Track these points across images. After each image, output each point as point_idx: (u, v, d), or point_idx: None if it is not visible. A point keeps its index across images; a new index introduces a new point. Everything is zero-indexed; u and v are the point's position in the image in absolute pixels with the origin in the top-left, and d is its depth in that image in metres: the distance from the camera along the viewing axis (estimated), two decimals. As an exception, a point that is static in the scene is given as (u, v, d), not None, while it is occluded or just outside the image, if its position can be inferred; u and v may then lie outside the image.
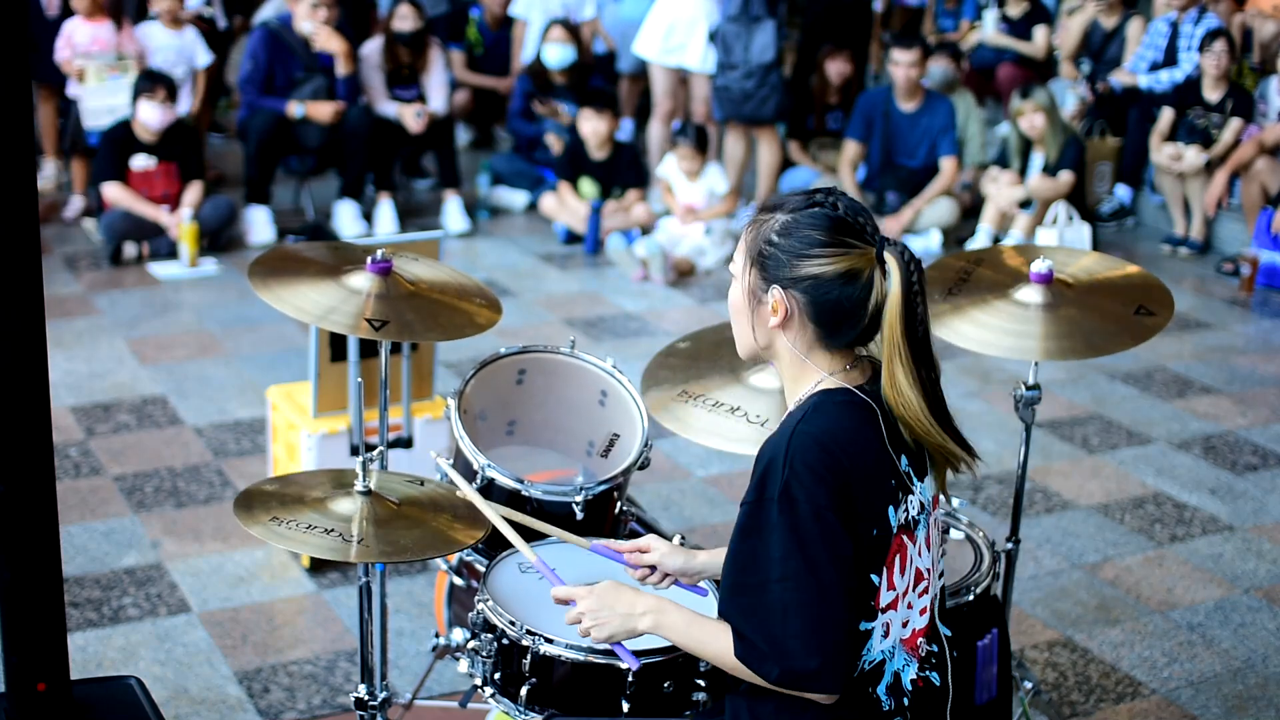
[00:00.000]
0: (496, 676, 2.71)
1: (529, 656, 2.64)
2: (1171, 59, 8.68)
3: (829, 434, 2.18)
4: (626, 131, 9.19)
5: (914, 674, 2.30)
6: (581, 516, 3.04)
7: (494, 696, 2.72)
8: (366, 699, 3.03)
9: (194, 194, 7.41)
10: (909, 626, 2.28)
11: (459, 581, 3.42)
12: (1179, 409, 6.07)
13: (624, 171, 8.04)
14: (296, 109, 7.81)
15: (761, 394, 3.18)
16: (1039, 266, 3.26)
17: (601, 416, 3.37)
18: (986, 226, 8.06)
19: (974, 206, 8.40)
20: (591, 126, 7.96)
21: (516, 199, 8.61)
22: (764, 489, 2.17)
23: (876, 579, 2.21)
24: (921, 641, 2.31)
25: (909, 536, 2.25)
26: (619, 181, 8.03)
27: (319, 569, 4.46)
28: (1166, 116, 8.33)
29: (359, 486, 2.72)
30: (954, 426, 2.28)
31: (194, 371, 6.03)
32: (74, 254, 7.44)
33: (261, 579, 4.43)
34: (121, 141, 7.33)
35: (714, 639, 2.23)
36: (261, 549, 4.55)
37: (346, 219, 7.91)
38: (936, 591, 2.36)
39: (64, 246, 7.54)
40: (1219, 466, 5.52)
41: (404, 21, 8.18)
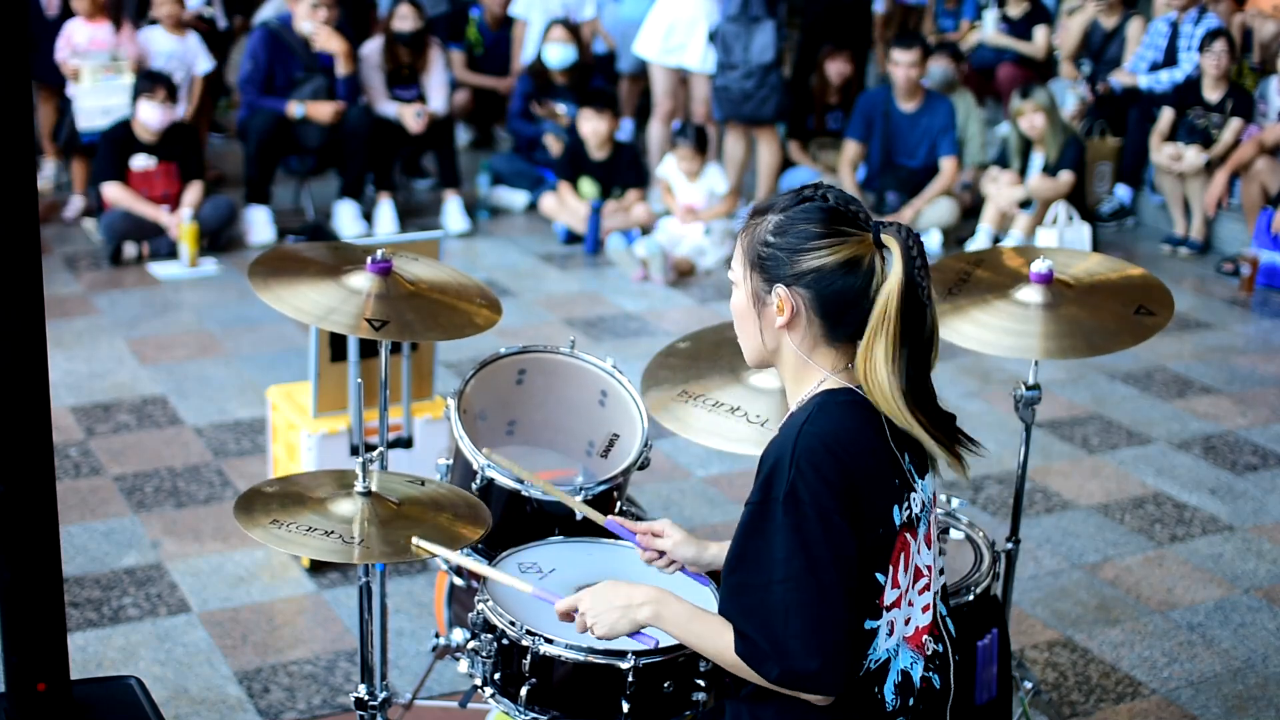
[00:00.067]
0: (496, 676, 2.71)
1: (529, 657, 2.64)
2: (1171, 59, 8.67)
3: (834, 435, 2.17)
4: (626, 131, 9.19)
5: (922, 672, 2.30)
6: (581, 517, 3.04)
7: (494, 696, 2.72)
8: (366, 699, 3.04)
9: (194, 194, 7.41)
10: (911, 624, 2.28)
11: (459, 582, 3.43)
12: (1179, 409, 6.07)
13: (624, 171, 8.04)
14: (296, 109, 7.81)
15: (761, 394, 3.18)
16: (1039, 266, 3.27)
17: (601, 416, 3.37)
18: (986, 226, 8.06)
19: (974, 206, 8.40)
20: (591, 126, 7.96)
21: (516, 199, 8.61)
22: (769, 489, 2.16)
23: (881, 578, 2.21)
24: (927, 639, 2.31)
25: (911, 534, 2.25)
26: (619, 181, 8.03)
27: (319, 569, 4.46)
28: (1166, 116, 8.32)
29: (359, 487, 2.72)
30: (940, 414, 2.24)
31: (194, 371, 6.03)
32: (74, 254, 7.44)
33: (261, 579, 4.43)
34: (121, 141, 7.33)
35: (715, 635, 2.23)
36: (261, 549, 4.54)
37: (346, 219, 7.91)
38: (938, 588, 2.36)
39: (64, 246, 7.54)
40: (1219, 466, 5.52)
41: (404, 21, 8.18)
